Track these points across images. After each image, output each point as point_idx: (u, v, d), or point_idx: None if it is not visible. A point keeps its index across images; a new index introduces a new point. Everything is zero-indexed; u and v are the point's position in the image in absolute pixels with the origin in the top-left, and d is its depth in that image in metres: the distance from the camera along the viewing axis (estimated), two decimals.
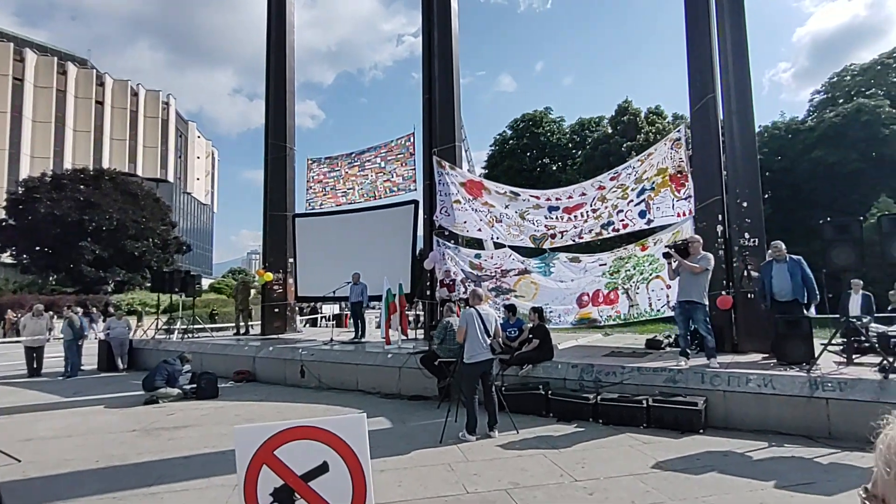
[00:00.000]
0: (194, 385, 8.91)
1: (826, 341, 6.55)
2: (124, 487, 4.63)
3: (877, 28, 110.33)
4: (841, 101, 34.22)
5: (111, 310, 21.09)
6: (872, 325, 7.70)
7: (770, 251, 7.35)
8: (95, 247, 34.58)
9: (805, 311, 7.02)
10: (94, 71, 71.20)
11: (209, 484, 4.68)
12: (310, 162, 14.28)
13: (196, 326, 14.24)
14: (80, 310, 14.06)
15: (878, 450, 0.60)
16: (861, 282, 9.08)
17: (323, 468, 2.01)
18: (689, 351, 7.16)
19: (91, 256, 34.41)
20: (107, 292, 34.11)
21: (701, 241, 7.24)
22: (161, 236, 39.76)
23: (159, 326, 14.39)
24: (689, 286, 6.93)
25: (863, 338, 6.81)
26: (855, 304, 8.78)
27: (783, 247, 7.22)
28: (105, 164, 54.35)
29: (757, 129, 9.91)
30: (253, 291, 15.92)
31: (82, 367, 12.27)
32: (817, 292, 7.13)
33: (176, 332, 14.17)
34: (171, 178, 76.56)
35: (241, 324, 14.55)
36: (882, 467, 0.58)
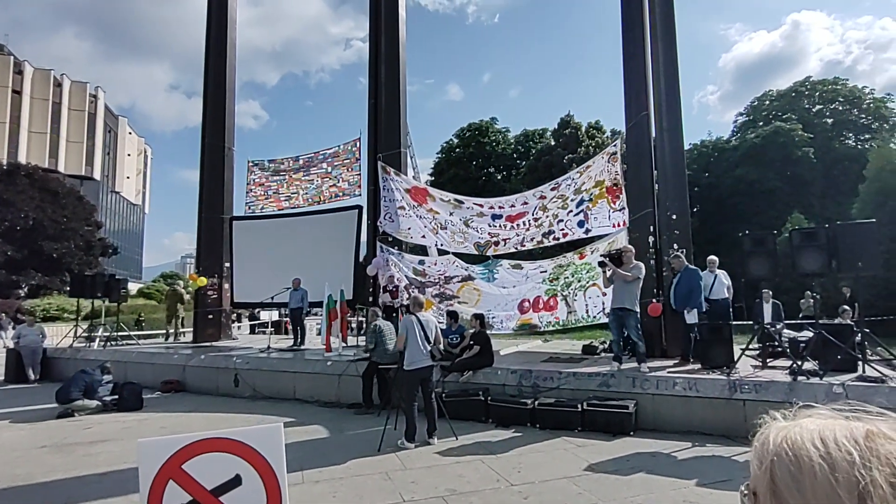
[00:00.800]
0: (116, 396, 8.32)
1: (744, 346, 7.02)
2: None
3: (791, 58, 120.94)
4: (761, 123, 37.06)
5: (20, 316, 19.38)
6: (785, 331, 8.34)
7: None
8: (8, 248, 31.76)
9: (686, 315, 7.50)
10: (12, 58, 65.66)
11: (126, 502, 4.37)
12: (251, 164, 13.81)
13: (120, 334, 13.33)
14: None
15: (754, 447, 0.63)
16: (771, 291, 10.01)
17: (235, 481, 1.90)
18: (622, 356, 7.45)
19: (2, 258, 31.56)
20: (19, 297, 31.35)
21: (633, 250, 7.58)
22: (84, 237, 37.03)
23: (78, 334, 13.35)
24: (621, 294, 7.24)
25: (776, 343, 7.35)
26: (766, 312, 9.71)
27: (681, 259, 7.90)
28: (21, 159, 50.16)
29: (686, 147, 10.55)
30: (186, 297, 15.14)
31: None
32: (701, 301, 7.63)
33: (98, 339, 13.20)
34: (97, 175, 71.63)
35: (171, 330, 13.81)
36: (755, 463, 0.62)
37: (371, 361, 7.87)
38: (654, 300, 8.30)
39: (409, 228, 10.85)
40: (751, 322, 10.31)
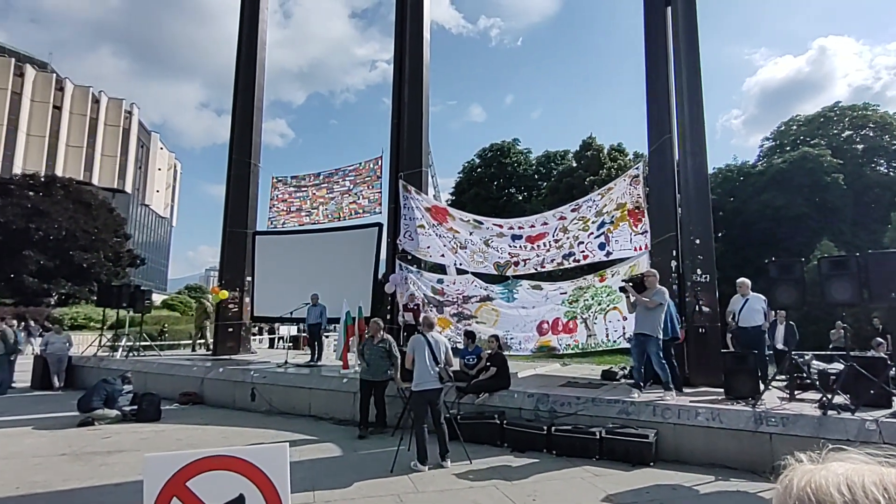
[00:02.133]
0: (135, 406, 8.43)
1: (771, 377, 6.79)
2: None
3: (817, 83, 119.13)
4: (788, 148, 36.46)
5: (47, 324, 19.87)
6: (814, 362, 8.05)
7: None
8: (40, 257, 32.77)
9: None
10: (55, 75, 68.73)
11: None
12: (275, 181, 14.08)
13: (143, 344, 13.57)
14: (14, 322, 13.19)
15: (776, 490, 0.60)
16: (785, 312, 9.68)
17: (238, 501, 1.87)
18: (642, 384, 7.26)
19: (35, 267, 32.54)
20: (49, 305, 32.22)
21: (657, 275, 7.44)
22: (113, 248, 38.05)
23: (103, 343, 13.63)
24: (643, 319, 7.09)
25: (805, 374, 7.09)
26: (779, 334, 9.69)
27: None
28: (59, 171, 52.06)
29: (711, 171, 10.45)
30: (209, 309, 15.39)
31: (14, 385, 11.46)
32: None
33: (121, 349, 13.45)
34: (129, 188, 73.87)
35: (200, 340, 14.15)
36: None
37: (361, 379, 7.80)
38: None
39: (429, 247, 10.87)
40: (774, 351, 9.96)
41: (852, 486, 0.52)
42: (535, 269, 10.16)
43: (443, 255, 10.84)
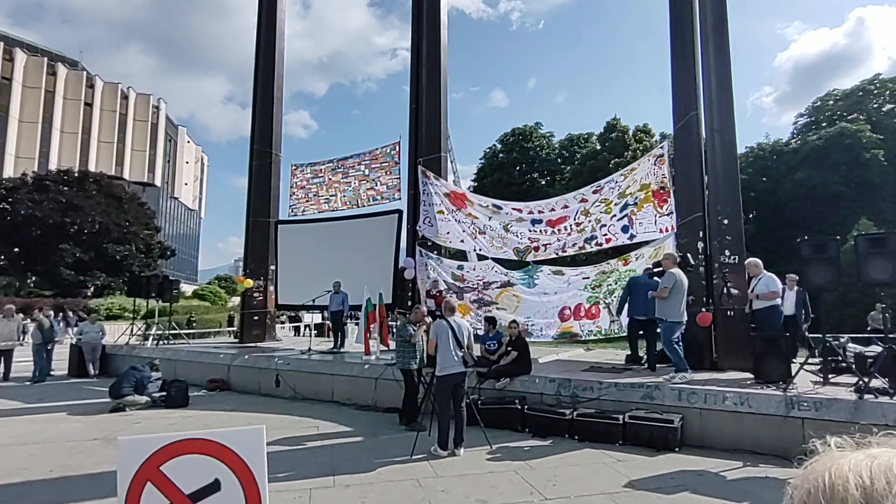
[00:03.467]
0: (164, 393, 8.65)
1: (803, 360, 6.53)
2: (74, 499, 4.43)
3: (854, 56, 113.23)
4: (824, 124, 34.94)
5: (82, 313, 20.57)
6: (850, 345, 7.72)
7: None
8: (76, 250, 33.94)
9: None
10: (85, 73, 70.51)
11: None
12: (293, 168, 14.16)
13: (172, 332, 13.92)
14: (51, 313, 13.67)
15: (798, 475, 0.55)
16: (796, 277, 8.32)
17: (214, 486, 1.82)
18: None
19: (71, 259, 33.73)
20: (86, 296, 33.41)
21: (675, 258, 7.29)
22: (144, 241, 39.15)
23: (134, 332, 14.05)
24: (664, 304, 7.06)
25: (840, 357, 6.80)
26: (789, 301, 8.49)
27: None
28: (91, 167, 53.57)
29: (742, 151, 10.06)
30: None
31: (52, 372, 11.91)
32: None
33: (151, 338, 13.84)
34: (158, 182, 75.70)
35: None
36: (791, 492, 0.56)
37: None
38: (703, 309, 7.87)
39: (448, 233, 10.80)
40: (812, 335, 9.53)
41: (874, 469, 0.45)
42: (556, 254, 9.99)
43: (462, 241, 10.77)
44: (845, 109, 35.01)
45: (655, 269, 7.82)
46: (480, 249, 10.64)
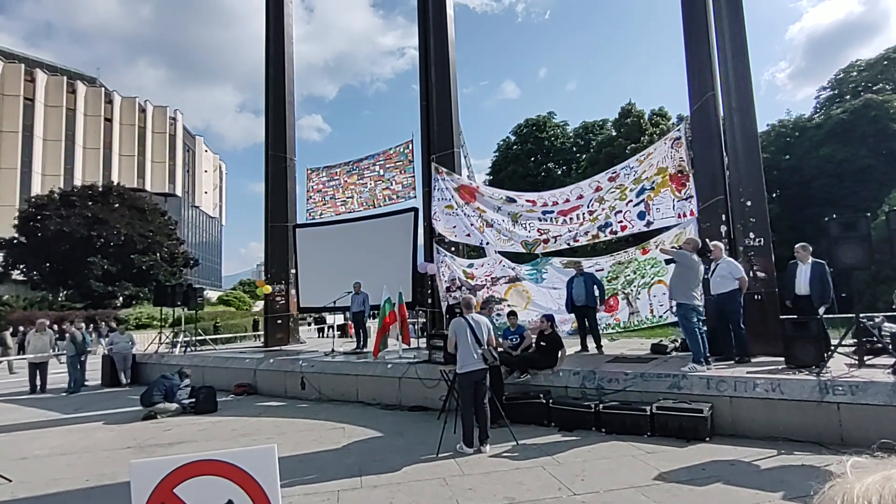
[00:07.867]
0: (193, 399, 8.81)
1: (836, 342, 6.33)
2: None
3: (872, 24, 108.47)
4: (848, 97, 33.79)
5: (113, 324, 21.11)
6: (885, 324, 7.45)
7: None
8: (104, 262, 34.82)
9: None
10: (103, 89, 72.16)
11: None
12: (309, 172, 14.26)
13: (199, 338, 14.19)
14: (82, 325, 14.05)
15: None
16: (810, 247, 7.36)
17: None
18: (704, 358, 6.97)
19: (100, 272, 34.63)
20: (115, 307, 34.28)
21: (695, 241, 7.16)
22: (168, 250, 39.98)
23: (163, 340, 14.36)
24: (673, 286, 6.97)
25: (875, 338, 6.57)
26: (802, 276, 7.20)
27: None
28: (114, 180, 54.85)
29: (763, 129, 9.78)
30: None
31: (86, 383, 12.25)
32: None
33: (179, 345, 14.12)
34: (179, 192, 77.17)
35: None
36: None
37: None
38: None
39: (454, 227, 10.76)
40: (845, 315, 9.18)
41: (882, 496, 0.46)
42: (568, 245, 9.77)
43: (468, 235, 10.68)
44: (870, 80, 33.78)
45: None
46: (488, 243, 10.54)
